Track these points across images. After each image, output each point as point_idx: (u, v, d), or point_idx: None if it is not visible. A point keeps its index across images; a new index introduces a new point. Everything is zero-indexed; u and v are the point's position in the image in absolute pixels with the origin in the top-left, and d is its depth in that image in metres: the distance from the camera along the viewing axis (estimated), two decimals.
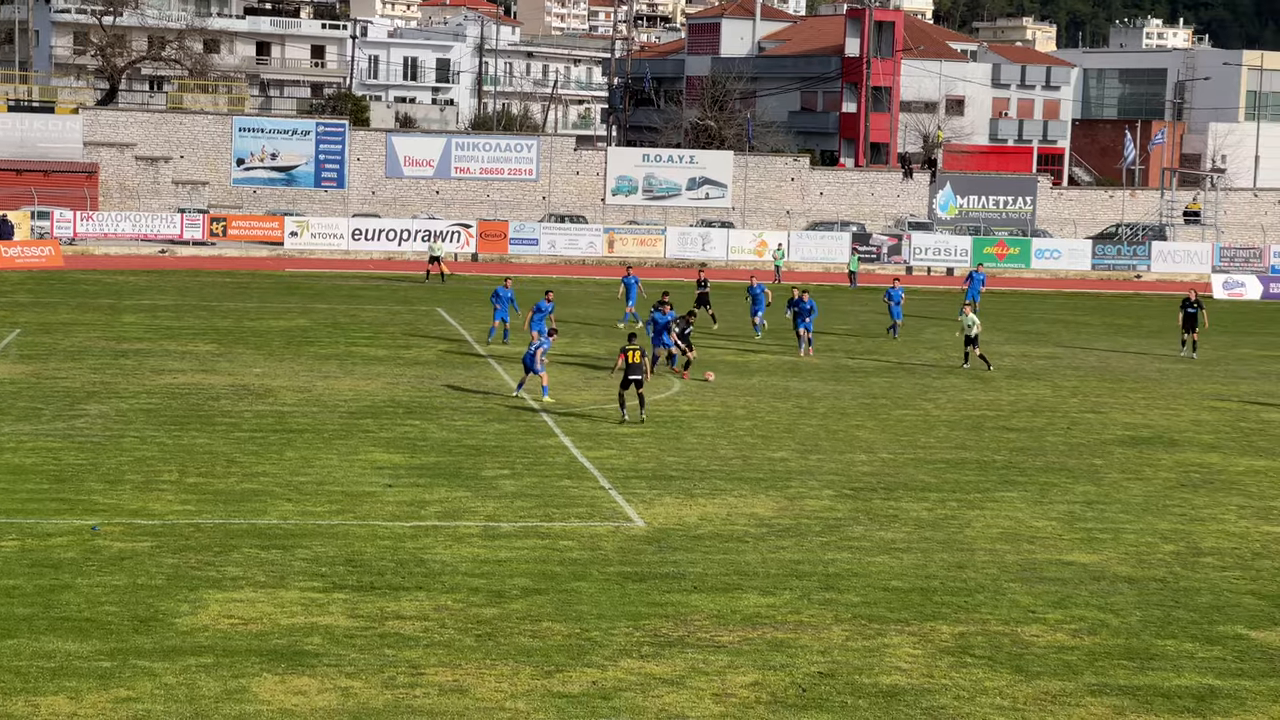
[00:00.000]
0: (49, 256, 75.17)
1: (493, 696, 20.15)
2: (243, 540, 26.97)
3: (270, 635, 22.15)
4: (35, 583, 24.06)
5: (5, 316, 54.96)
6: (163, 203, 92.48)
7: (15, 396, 39.60)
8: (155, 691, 19.78)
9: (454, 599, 24.18)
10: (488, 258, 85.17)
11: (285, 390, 42.06)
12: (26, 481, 30.56)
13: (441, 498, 30.68)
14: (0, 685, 19.75)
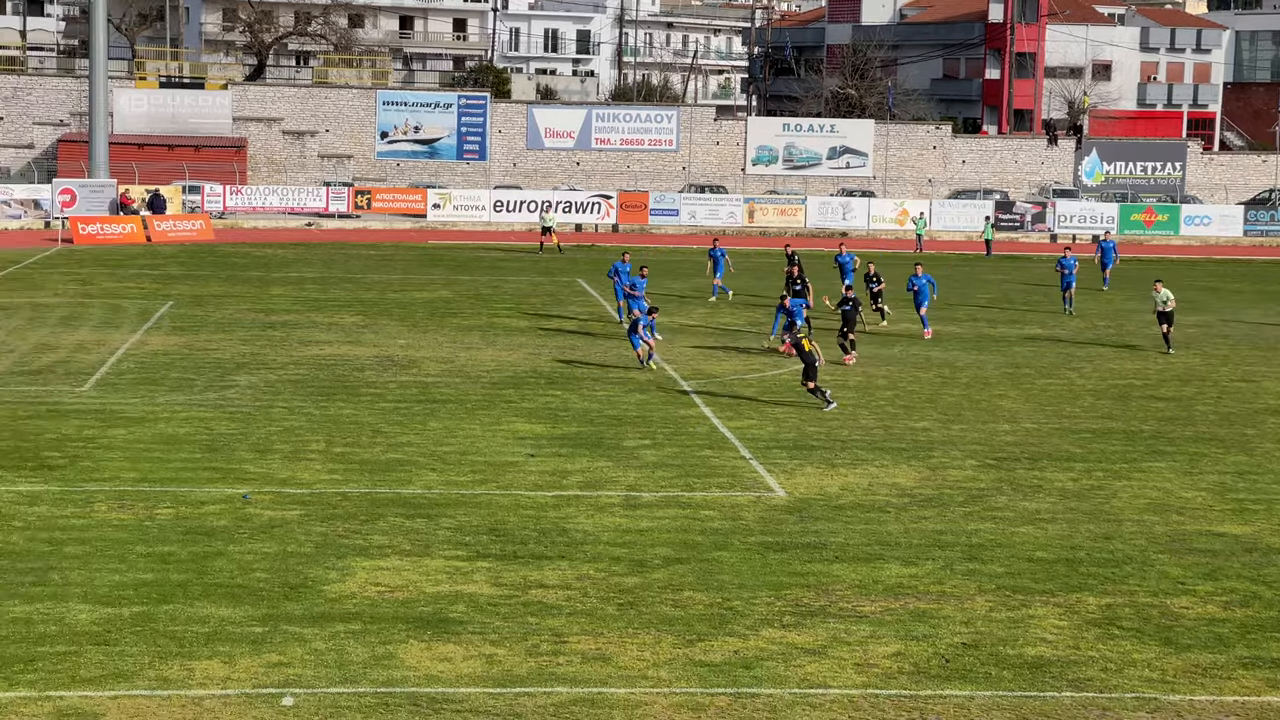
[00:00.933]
0: (199, 230, 76.44)
1: (635, 665, 20.29)
2: (388, 509, 27.33)
3: (416, 603, 22.45)
4: (190, 549, 24.58)
5: (158, 289, 56.01)
6: (309, 176, 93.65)
7: (169, 368, 40.38)
8: (305, 657, 20.15)
9: (596, 568, 24.35)
10: (628, 228, 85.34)
11: (429, 361, 42.50)
12: (180, 451, 31.18)
13: (583, 467, 30.87)
14: (157, 649, 20.21)
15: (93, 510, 26.70)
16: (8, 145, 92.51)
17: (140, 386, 37.73)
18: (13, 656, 19.79)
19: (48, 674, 19.29)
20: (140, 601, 22.06)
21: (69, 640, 20.46)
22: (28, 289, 55.22)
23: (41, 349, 42.69)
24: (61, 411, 34.48)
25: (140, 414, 34.49)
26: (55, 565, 23.55)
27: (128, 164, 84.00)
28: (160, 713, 18.23)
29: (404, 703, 18.74)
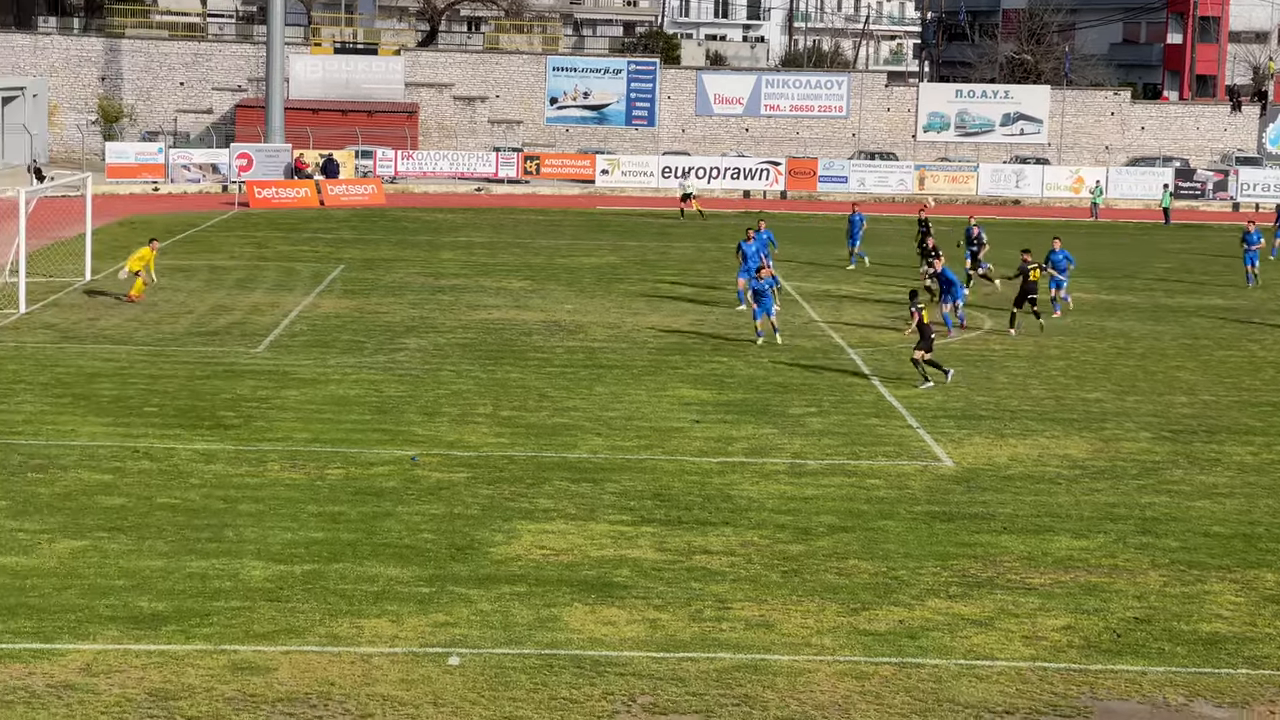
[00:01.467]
0: (371, 195, 77.39)
1: (799, 632, 20.22)
2: (554, 473, 27.49)
3: (581, 566, 22.57)
4: (359, 510, 24.92)
5: (330, 253, 56.81)
6: (479, 141, 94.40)
7: (340, 330, 40.95)
8: (471, 617, 20.34)
9: (760, 535, 24.31)
10: (796, 195, 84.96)
11: (595, 326, 42.65)
12: (351, 412, 31.61)
13: (748, 434, 30.81)
14: (327, 607, 20.53)
15: (266, 469, 27.17)
16: (188, 110, 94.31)
17: (312, 348, 38.31)
18: (190, 611, 20.21)
19: (223, 628, 19.67)
20: (311, 560, 22.41)
21: (243, 596, 20.85)
22: (205, 251, 56.29)
23: (218, 310, 43.51)
24: (237, 372, 35.13)
25: (312, 375, 35.03)
26: (230, 522, 24.01)
27: (302, 129, 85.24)
28: (330, 669, 18.52)
29: (568, 665, 18.85)
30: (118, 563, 21.99)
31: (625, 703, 17.83)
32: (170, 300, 44.84)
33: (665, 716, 17.52)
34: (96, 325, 40.51)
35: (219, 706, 17.35)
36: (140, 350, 37.36)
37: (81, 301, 44.01)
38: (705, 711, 17.66)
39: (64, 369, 34.83)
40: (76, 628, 19.50)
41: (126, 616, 19.95)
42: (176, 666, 18.42)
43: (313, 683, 18.09)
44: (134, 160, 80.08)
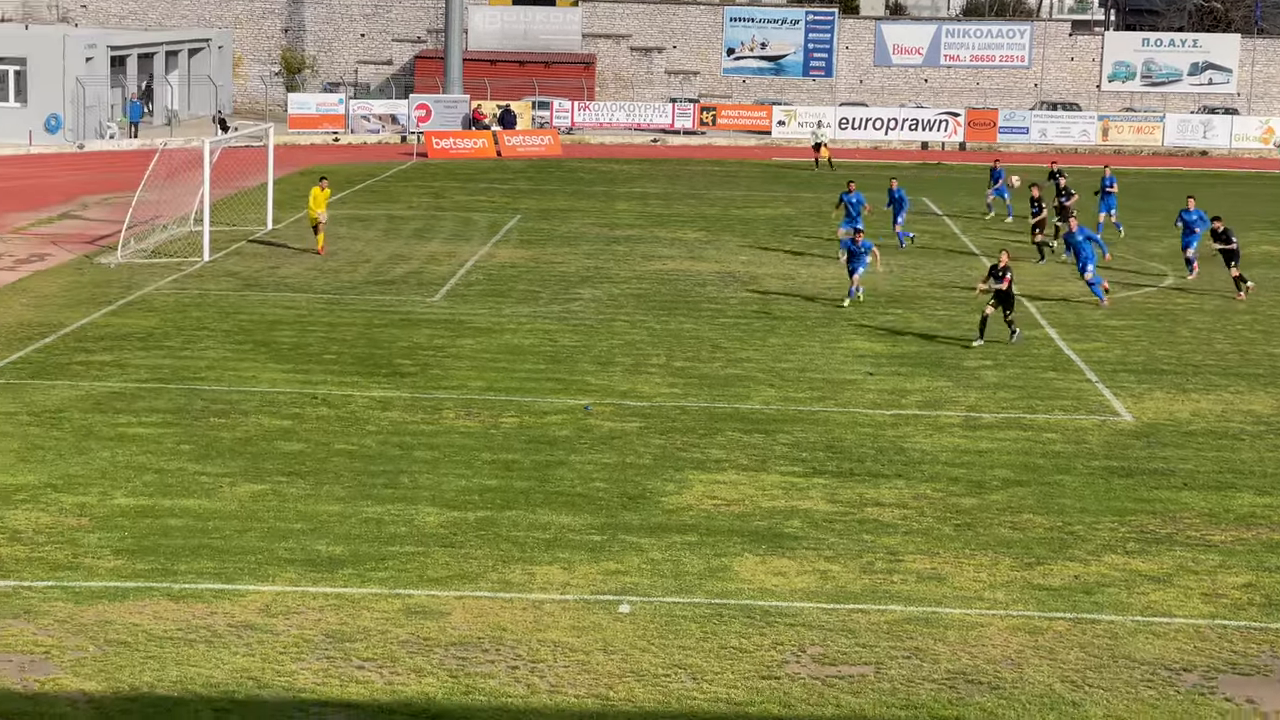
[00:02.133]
0: (548, 145, 77.75)
1: (971, 586, 20.06)
2: (726, 424, 27.49)
3: (751, 517, 22.57)
4: (532, 458, 25.13)
5: (507, 203, 57.20)
6: (655, 92, 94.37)
7: (515, 280, 41.26)
8: (642, 566, 20.44)
9: (933, 488, 24.12)
10: (975, 146, 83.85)
11: (770, 278, 42.52)
12: (525, 361, 31.87)
13: (922, 387, 30.56)
14: (500, 553, 20.76)
15: (441, 417, 27.49)
16: (368, 61, 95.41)
17: (488, 298, 38.65)
18: (366, 555, 20.55)
19: (397, 572, 19.98)
20: (485, 506, 22.66)
21: (418, 541, 21.15)
22: (383, 201, 56.99)
23: (395, 260, 44.04)
24: (413, 321, 35.56)
25: (487, 324, 35.35)
26: (405, 469, 24.35)
27: (480, 80, 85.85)
28: (502, 614, 18.72)
29: (737, 614, 18.87)
30: (296, 507, 22.42)
31: (795, 653, 17.82)
32: (349, 249, 45.49)
33: (835, 667, 17.49)
34: (277, 274, 41.23)
35: (393, 649, 17.64)
36: (319, 298, 37.96)
37: (263, 250, 44.81)
38: (875, 663, 17.59)
39: (246, 316, 35.51)
40: (256, 569, 19.93)
41: (304, 559, 20.34)
42: (352, 609, 18.75)
43: (485, 628, 18.31)
44: (315, 111, 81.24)
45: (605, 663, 17.45)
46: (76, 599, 18.79)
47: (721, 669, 17.35)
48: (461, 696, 16.51)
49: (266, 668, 17.05)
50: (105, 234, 46.56)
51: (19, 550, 20.35)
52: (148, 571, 19.74)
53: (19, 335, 32.93)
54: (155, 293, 38.08)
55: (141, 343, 32.55)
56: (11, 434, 25.60)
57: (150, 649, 17.44)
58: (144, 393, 28.44)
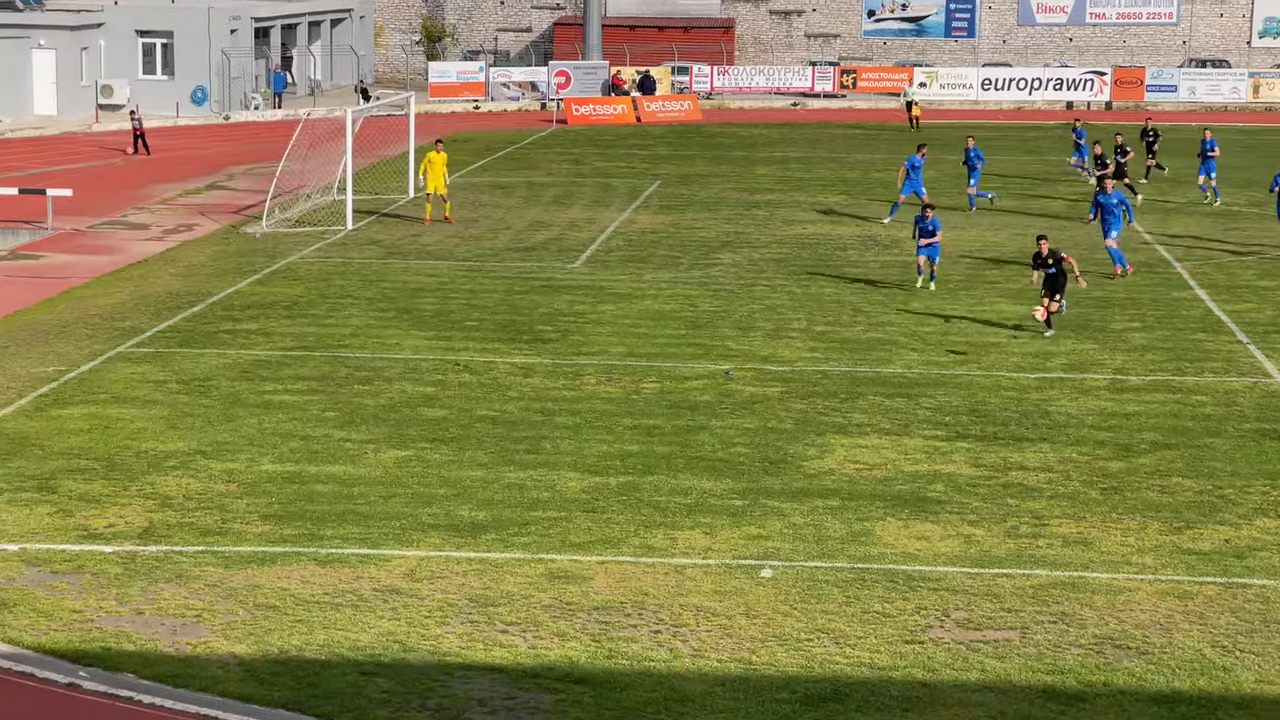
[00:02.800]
0: (687, 111, 77.63)
1: (1118, 550, 19.79)
2: (868, 388, 27.33)
3: (894, 481, 22.42)
4: (673, 423, 25.14)
5: (646, 169, 57.22)
6: (795, 56, 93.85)
7: (655, 245, 41.27)
8: (784, 530, 20.39)
9: (1079, 452, 23.81)
10: (1122, 105, 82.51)
11: (910, 241, 42.06)
12: (666, 327, 31.88)
13: (1068, 349, 30.16)
14: (642, 518, 20.80)
15: (582, 382, 27.59)
16: (507, 29, 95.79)
17: (628, 264, 38.70)
18: (509, 520, 20.68)
19: (540, 537, 20.09)
20: (626, 472, 22.71)
21: (559, 506, 21.25)
22: (523, 168, 57.24)
23: (536, 226, 44.23)
24: (554, 287, 35.69)
25: (628, 290, 35.40)
26: (547, 434, 24.46)
27: (619, 46, 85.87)
28: (645, 579, 18.77)
29: (880, 579, 18.77)
30: (439, 472, 22.61)
31: (939, 618, 17.70)
32: (489, 216, 45.74)
33: (979, 632, 17.34)
34: (419, 241, 41.57)
35: (536, 613, 17.74)
36: (461, 266, 38.22)
37: (404, 218, 45.17)
38: (1021, 628, 17.42)
39: (389, 284, 35.85)
40: (401, 534, 20.13)
41: (447, 524, 20.51)
42: (495, 574, 18.88)
43: (627, 592, 18.37)
44: (455, 79, 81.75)
45: (748, 627, 17.43)
46: (226, 564, 19.10)
47: (865, 633, 17.27)
48: (604, 660, 16.58)
49: (411, 631, 17.23)
50: (250, 204, 47.22)
51: (170, 516, 20.72)
52: (295, 536, 20.02)
53: (168, 305, 33.50)
54: (300, 261, 38.56)
55: (286, 311, 32.98)
56: (161, 402, 26.06)
57: (298, 613, 17.69)
58: (289, 360, 28.83)
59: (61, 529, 20.23)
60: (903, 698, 15.79)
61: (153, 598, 18.08)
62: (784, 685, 16.06)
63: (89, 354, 29.13)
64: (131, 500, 21.28)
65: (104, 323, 31.76)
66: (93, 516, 20.67)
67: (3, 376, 27.56)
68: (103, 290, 35.21)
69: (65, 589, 18.29)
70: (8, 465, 22.67)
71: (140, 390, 26.73)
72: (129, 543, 19.73)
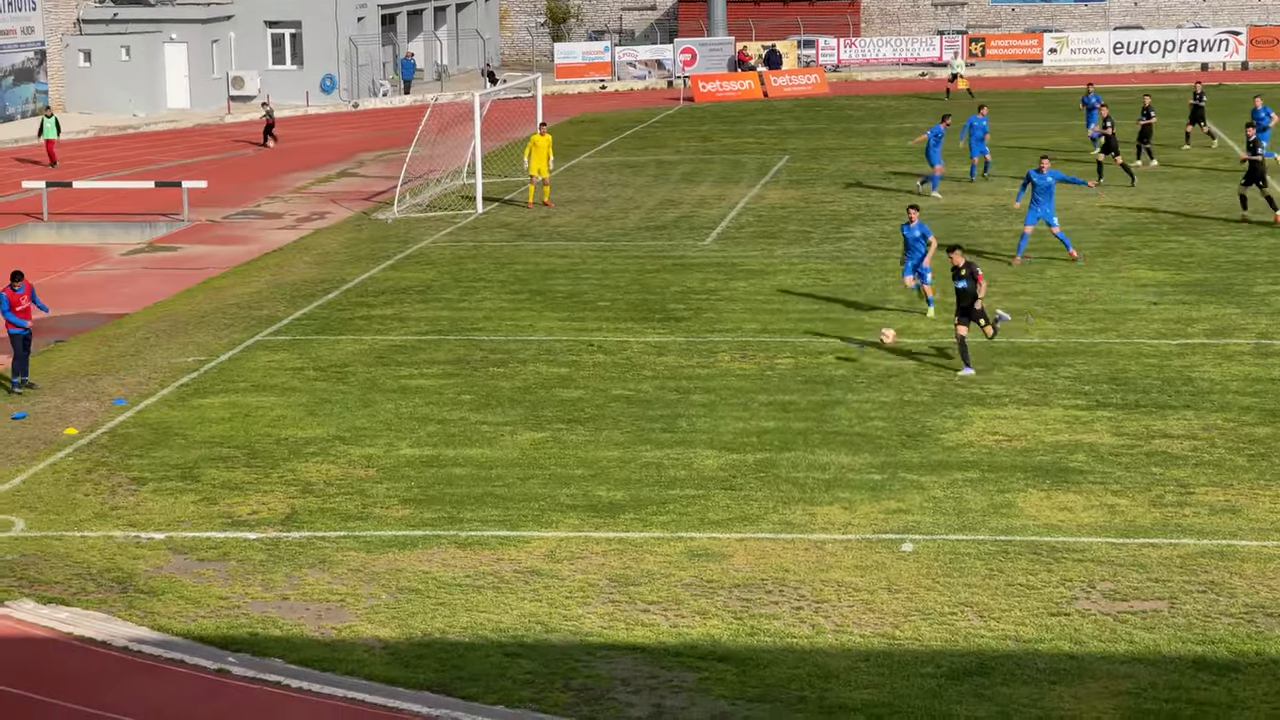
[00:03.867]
0: (814, 84, 77.20)
1: (1268, 518, 19.42)
2: (1005, 358, 27.02)
3: (1034, 452, 22.15)
4: (809, 399, 25.01)
5: (774, 144, 56.97)
6: (922, 26, 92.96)
7: (785, 220, 41.08)
8: (924, 504, 20.22)
9: (1224, 418, 23.39)
10: (1258, 65, 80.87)
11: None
12: (798, 303, 31.71)
13: (1209, 315, 29.64)
14: (780, 495, 20.72)
15: (716, 360, 27.52)
16: (631, 8, 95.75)
17: (759, 239, 38.55)
18: (647, 499, 20.68)
19: (678, 515, 20.07)
20: (763, 448, 22.63)
21: (697, 484, 21.22)
22: (652, 146, 57.20)
23: (665, 205, 44.18)
24: (685, 265, 35.63)
25: (759, 266, 35.26)
26: (683, 413, 24.43)
27: (745, 21, 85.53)
28: (785, 555, 18.69)
29: (1023, 551, 18.56)
30: (576, 453, 22.66)
31: (1084, 589, 17.46)
32: (619, 196, 45.76)
33: (1126, 603, 17.09)
34: (549, 223, 41.68)
35: (677, 592, 17.73)
36: (592, 246, 38.27)
37: (550, 199, 45.26)
38: (1169, 598, 17.15)
39: (521, 266, 35.98)
40: (539, 516, 20.20)
41: (586, 505, 20.55)
42: (635, 553, 18.89)
43: (768, 569, 18.30)
44: (581, 60, 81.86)
45: (890, 601, 17.31)
46: (368, 548, 19.27)
47: (1009, 606, 17.08)
48: (747, 638, 16.53)
49: (553, 612, 17.29)
50: (382, 190, 47.59)
51: (311, 502, 20.94)
52: (435, 520, 20.15)
53: (303, 292, 33.85)
54: (432, 246, 38.81)
55: (420, 295, 33.21)
56: (300, 389, 26.35)
57: (440, 595, 17.80)
58: (424, 345, 29.02)
59: (206, 516, 20.52)
60: (1049, 670, 15.60)
61: (297, 583, 18.28)
62: (928, 659, 15.93)
63: (228, 343, 29.52)
64: (273, 487, 21.54)
65: (241, 312, 32.16)
66: (236, 504, 20.94)
67: (144, 367, 28.01)
68: (239, 280, 35.67)
69: (212, 576, 18.55)
70: (152, 455, 23.03)
71: (279, 378, 27.04)
72: (272, 529, 19.97)
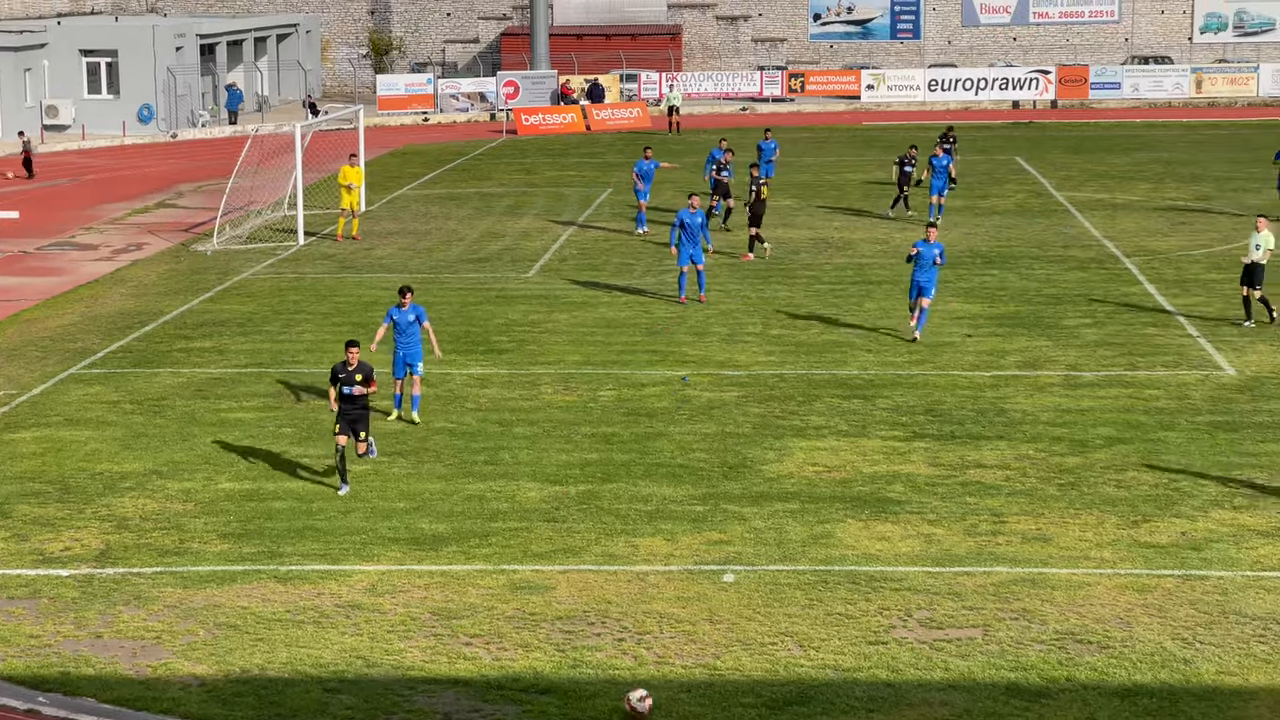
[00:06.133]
0: (637, 118, 77.64)
1: (1077, 545, 19.88)
2: (825, 390, 27.38)
3: (853, 482, 22.47)
4: (631, 430, 25.14)
5: (598, 176, 57.19)
6: (743, 61, 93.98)
7: (609, 253, 41.25)
8: (745, 535, 20.42)
9: (1036, 448, 23.92)
10: (1067, 104, 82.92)
11: (863, 243, 42.28)
12: (621, 334, 31.87)
13: (1021, 347, 30.30)
14: (603, 526, 20.79)
15: (539, 392, 27.56)
16: (455, 40, 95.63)
17: (582, 272, 38.67)
18: (469, 531, 20.64)
19: (501, 548, 20.05)
20: (586, 480, 22.70)
21: (520, 517, 21.22)
22: (474, 179, 57.14)
23: (488, 237, 44.16)
24: (508, 297, 35.65)
25: (582, 299, 35.38)
26: (506, 445, 24.43)
27: (567, 55, 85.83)
28: (607, 587, 18.76)
29: (842, 580, 18.81)
30: (398, 486, 22.55)
31: (901, 618, 17.74)
32: (442, 228, 45.64)
33: (942, 630, 17.39)
34: (372, 255, 41.45)
35: (499, 625, 17.71)
36: (414, 278, 38.08)
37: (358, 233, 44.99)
38: (983, 625, 17.49)
39: (342, 298, 35.73)
40: (361, 549, 20.07)
41: (408, 538, 20.46)
42: (458, 586, 18.84)
43: (590, 601, 18.35)
44: (404, 92, 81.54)
45: (711, 632, 17.44)
46: (185, 584, 19.00)
47: (828, 635, 17.30)
48: (569, 670, 16.56)
49: (375, 647, 17.18)
50: (201, 221, 47.00)
51: (127, 538, 20.60)
52: (254, 555, 19.94)
53: (120, 324, 33.31)
54: (252, 278, 38.41)
55: (240, 328, 32.85)
56: (116, 422, 25.91)
57: (259, 631, 17.61)
58: (244, 378, 28.70)
59: (16, 554, 20.09)
60: (868, 698, 15.83)
61: (111, 620, 17.97)
62: (749, 690, 16.08)
63: (40, 376, 28.95)
64: (87, 522, 21.15)
65: (54, 344, 31.56)
66: (48, 540, 20.53)
67: None
68: (52, 312, 35.00)
69: (22, 614, 18.16)
70: None
71: (94, 411, 26.57)
72: (86, 565, 19.61)
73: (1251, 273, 31.43)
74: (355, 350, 22.41)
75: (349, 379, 22.32)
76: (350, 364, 22.35)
